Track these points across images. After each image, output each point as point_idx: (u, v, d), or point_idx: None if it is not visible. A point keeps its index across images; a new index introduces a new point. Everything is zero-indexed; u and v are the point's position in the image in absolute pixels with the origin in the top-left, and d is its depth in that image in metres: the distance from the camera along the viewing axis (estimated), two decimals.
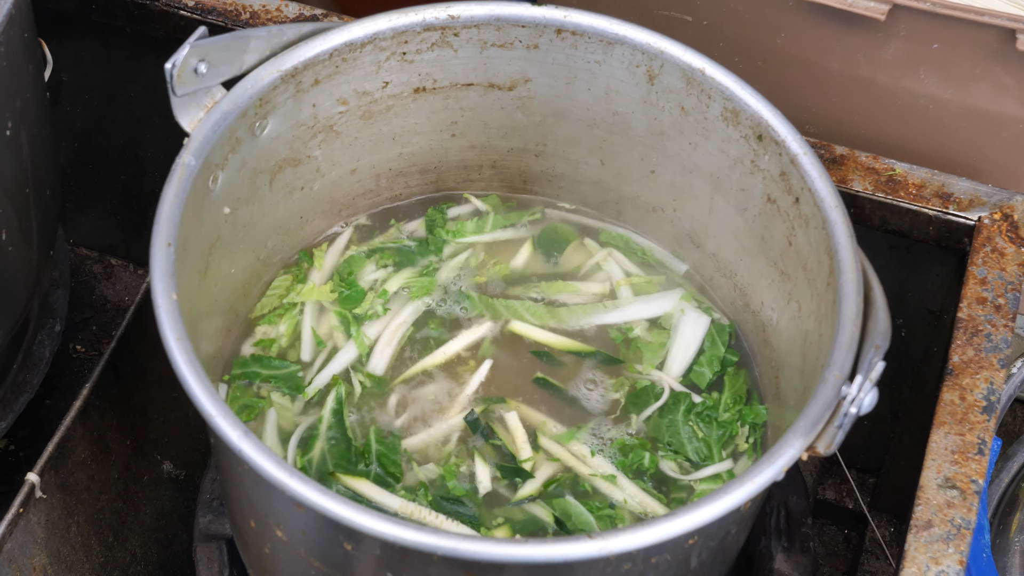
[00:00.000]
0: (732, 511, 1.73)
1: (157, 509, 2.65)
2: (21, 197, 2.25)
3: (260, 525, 1.95)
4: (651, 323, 2.28)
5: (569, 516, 2.04)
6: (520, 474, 2.08)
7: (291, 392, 2.16)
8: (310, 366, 2.20)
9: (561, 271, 2.35)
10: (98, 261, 3.18)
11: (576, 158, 2.33)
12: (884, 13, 2.39)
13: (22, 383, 2.53)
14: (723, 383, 2.21)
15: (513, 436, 2.13)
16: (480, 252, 2.35)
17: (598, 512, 2.04)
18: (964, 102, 2.49)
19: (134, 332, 2.44)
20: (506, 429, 2.14)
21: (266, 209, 2.19)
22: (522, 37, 2.17)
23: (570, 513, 2.04)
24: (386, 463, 2.07)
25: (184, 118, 1.99)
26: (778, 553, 2.27)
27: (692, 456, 2.12)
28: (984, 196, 2.34)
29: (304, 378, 2.18)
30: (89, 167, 3.03)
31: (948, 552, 1.98)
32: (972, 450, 2.06)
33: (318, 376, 2.18)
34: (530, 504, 2.06)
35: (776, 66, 2.57)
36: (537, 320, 2.26)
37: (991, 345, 2.16)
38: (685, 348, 2.24)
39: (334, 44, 2.10)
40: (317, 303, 2.26)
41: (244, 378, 2.16)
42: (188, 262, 1.95)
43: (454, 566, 1.73)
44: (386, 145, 2.29)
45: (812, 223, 2.01)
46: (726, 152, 2.14)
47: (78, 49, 2.79)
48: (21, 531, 2.26)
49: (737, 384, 2.20)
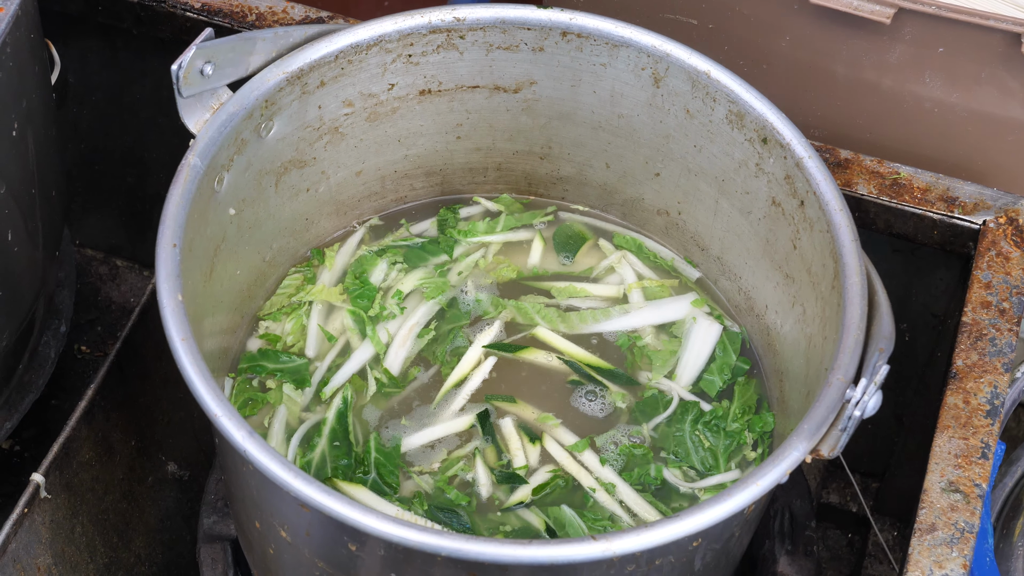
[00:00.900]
0: (736, 514, 1.73)
1: (161, 510, 2.65)
2: (27, 198, 2.25)
3: (264, 526, 1.95)
4: (661, 329, 2.27)
5: (563, 525, 2.03)
6: (515, 479, 2.08)
7: (299, 386, 2.16)
8: (318, 363, 2.20)
9: (574, 272, 2.35)
10: (104, 262, 3.18)
11: (581, 161, 2.33)
12: (889, 17, 2.39)
13: (27, 384, 2.53)
14: (733, 392, 2.20)
15: (507, 442, 2.13)
16: (492, 252, 2.35)
17: (595, 524, 2.04)
18: (969, 106, 2.49)
19: (139, 333, 2.44)
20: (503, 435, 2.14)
21: (271, 211, 2.19)
22: (527, 40, 2.18)
23: (564, 522, 2.03)
24: (384, 472, 2.07)
25: (190, 119, 1.99)
26: (781, 556, 2.27)
27: (698, 466, 2.12)
28: (989, 200, 2.34)
29: (312, 373, 2.18)
30: (95, 168, 3.03)
31: (951, 556, 1.98)
32: (976, 454, 2.06)
33: (335, 376, 2.18)
34: (524, 511, 2.06)
35: (781, 69, 2.57)
36: (548, 324, 2.25)
37: (995, 349, 2.16)
38: (696, 356, 2.23)
39: (340, 46, 2.11)
40: (326, 303, 2.26)
41: (251, 372, 2.17)
42: (193, 263, 1.96)
43: (458, 567, 1.73)
44: (391, 147, 2.30)
45: (817, 226, 2.01)
46: (731, 155, 2.15)
47: (84, 51, 2.80)
48: (26, 531, 2.26)
49: (747, 394, 2.19)
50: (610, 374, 2.20)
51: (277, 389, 2.16)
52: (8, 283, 2.28)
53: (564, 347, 2.23)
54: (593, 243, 2.37)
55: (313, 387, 2.17)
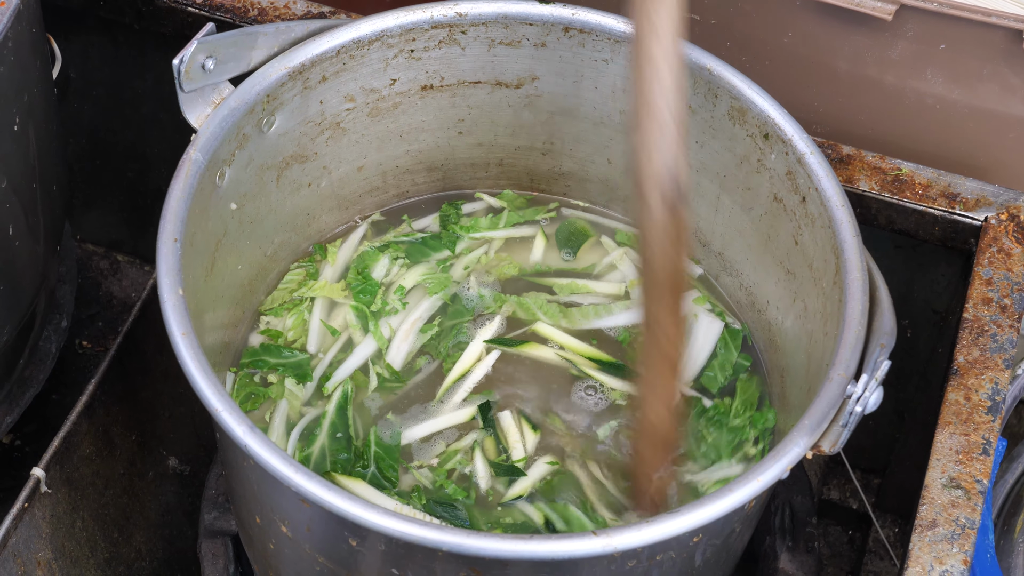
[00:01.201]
0: (736, 509, 1.73)
1: (162, 505, 2.65)
2: (28, 192, 2.25)
3: (265, 521, 1.95)
4: None
5: (568, 521, 2.03)
6: (514, 472, 2.08)
7: (300, 380, 2.16)
8: (320, 358, 2.20)
9: (576, 269, 2.34)
10: (105, 257, 3.18)
11: (583, 156, 2.33)
12: (891, 13, 2.39)
13: (28, 378, 2.53)
14: (735, 388, 2.20)
15: (506, 435, 2.13)
16: (495, 248, 2.35)
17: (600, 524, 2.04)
18: (971, 102, 2.49)
19: (140, 328, 2.44)
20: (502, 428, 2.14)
21: (273, 206, 2.19)
22: (530, 35, 2.18)
23: (569, 518, 2.03)
24: (383, 466, 2.07)
25: (191, 114, 1.99)
26: (782, 552, 2.27)
27: (700, 460, 2.12)
28: (990, 196, 2.34)
29: (314, 368, 2.18)
30: (96, 163, 3.03)
31: (952, 552, 1.98)
32: (977, 450, 2.06)
33: (338, 371, 2.18)
34: (525, 505, 2.05)
35: (783, 65, 2.57)
36: (550, 319, 2.25)
37: (996, 345, 2.16)
38: (697, 353, 2.23)
39: (342, 41, 2.11)
40: (328, 299, 2.26)
41: (253, 367, 2.17)
42: (194, 258, 1.96)
43: (459, 562, 1.73)
44: (393, 143, 2.30)
45: (818, 222, 2.01)
46: (733, 151, 2.15)
47: (86, 45, 2.80)
48: (26, 526, 2.26)
49: (749, 390, 2.19)
50: (612, 367, 2.20)
51: (279, 384, 2.16)
52: (9, 278, 2.28)
53: (566, 341, 2.23)
54: (595, 240, 2.37)
55: (315, 382, 2.17)
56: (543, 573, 1.75)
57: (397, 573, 1.80)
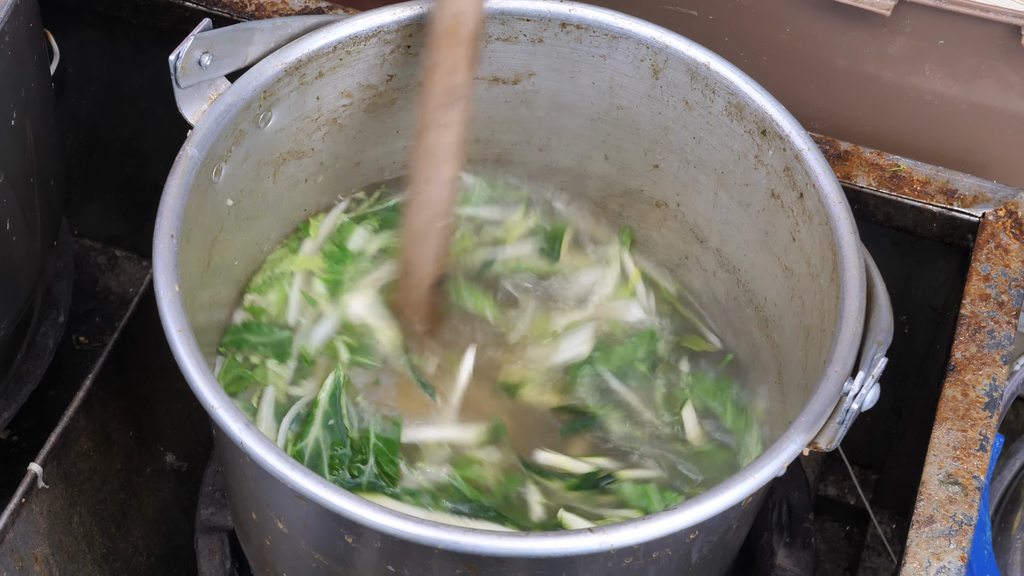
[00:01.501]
0: (733, 506, 1.73)
1: (159, 500, 2.65)
2: (25, 187, 2.25)
3: (261, 517, 1.95)
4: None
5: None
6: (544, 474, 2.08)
7: (281, 360, 2.15)
8: (301, 331, 2.19)
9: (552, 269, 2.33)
10: (102, 252, 3.18)
11: (580, 152, 2.33)
12: (890, 9, 2.39)
13: (26, 374, 2.53)
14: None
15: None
16: (466, 227, 2.33)
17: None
18: (969, 98, 2.49)
19: (137, 323, 2.44)
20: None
21: (269, 201, 2.19)
22: (527, 31, 2.17)
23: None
24: (383, 461, 2.06)
25: (188, 110, 1.99)
26: (780, 549, 2.27)
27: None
28: (988, 192, 2.34)
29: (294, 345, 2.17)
30: (94, 158, 3.03)
31: (949, 548, 1.98)
32: (974, 446, 2.06)
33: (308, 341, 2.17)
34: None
35: (781, 61, 2.57)
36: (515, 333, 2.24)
37: (994, 342, 2.16)
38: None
39: (338, 37, 2.10)
40: (307, 272, 2.25)
41: (234, 345, 2.16)
42: (191, 254, 1.96)
43: (455, 559, 1.73)
44: (390, 138, 2.29)
45: (816, 219, 2.01)
46: (730, 147, 2.14)
47: (83, 40, 2.79)
48: (23, 521, 2.26)
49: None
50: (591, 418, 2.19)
51: (262, 366, 2.15)
52: (6, 273, 2.28)
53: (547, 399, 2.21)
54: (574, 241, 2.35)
55: (295, 359, 2.15)
56: (539, 570, 1.75)
57: (393, 570, 1.80)
